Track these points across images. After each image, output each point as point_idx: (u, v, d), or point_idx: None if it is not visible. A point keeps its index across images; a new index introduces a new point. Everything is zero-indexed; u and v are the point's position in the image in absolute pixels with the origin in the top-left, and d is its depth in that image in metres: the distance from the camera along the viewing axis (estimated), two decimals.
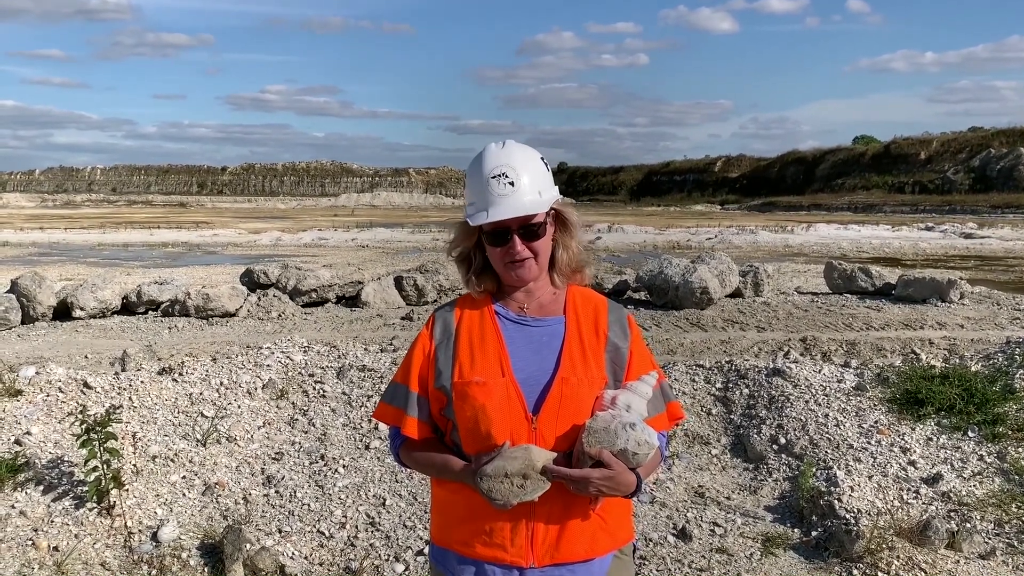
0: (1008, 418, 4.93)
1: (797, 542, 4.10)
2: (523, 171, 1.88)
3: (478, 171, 1.89)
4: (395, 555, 4.01)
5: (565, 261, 1.96)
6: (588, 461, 1.77)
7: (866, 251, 26.27)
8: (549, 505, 1.82)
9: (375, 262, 21.81)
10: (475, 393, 1.85)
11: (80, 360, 8.23)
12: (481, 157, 1.91)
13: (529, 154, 1.91)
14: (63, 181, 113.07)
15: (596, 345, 1.93)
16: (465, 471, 1.86)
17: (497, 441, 1.82)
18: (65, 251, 26.19)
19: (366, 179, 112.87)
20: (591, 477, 1.76)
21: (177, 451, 4.71)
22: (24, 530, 3.88)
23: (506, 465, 1.77)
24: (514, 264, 1.89)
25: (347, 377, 5.86)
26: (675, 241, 29.69)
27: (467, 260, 1.99)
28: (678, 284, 11.40)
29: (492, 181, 1.86)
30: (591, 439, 1.78)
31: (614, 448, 1.76)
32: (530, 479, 1.77)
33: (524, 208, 1.85)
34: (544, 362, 1.89)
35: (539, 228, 1.89)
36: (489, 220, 1.85)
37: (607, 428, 1.78)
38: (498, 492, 1.76)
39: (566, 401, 1.85)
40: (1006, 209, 52.12)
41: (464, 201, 1.97)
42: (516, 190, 1.86)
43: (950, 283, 11.85)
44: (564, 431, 1.84)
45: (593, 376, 1.89)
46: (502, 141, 1.93)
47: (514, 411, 1.84)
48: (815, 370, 5.89)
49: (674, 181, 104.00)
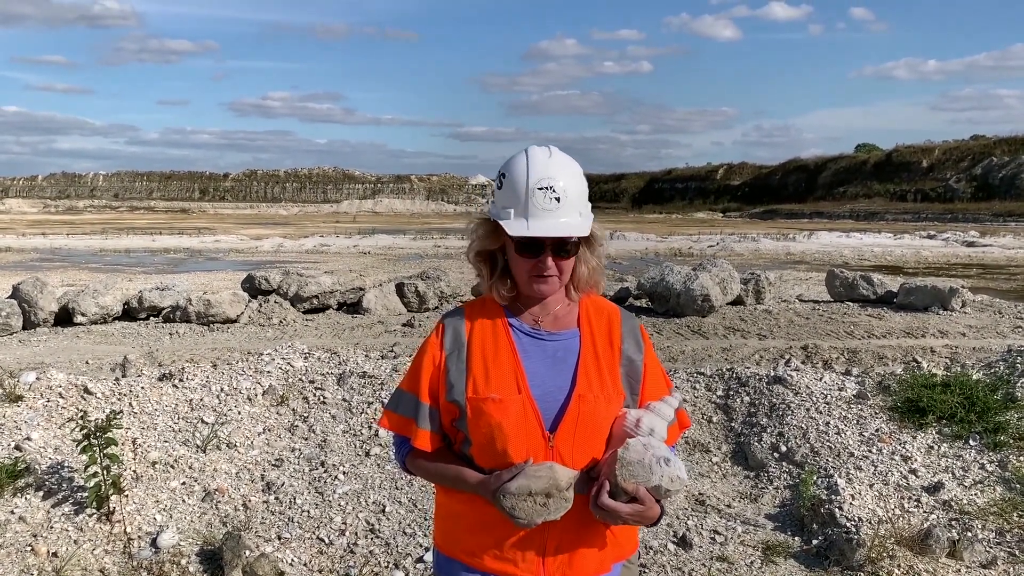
0: (1009, 427, 4.92)
1: (798, 550, 4.09)
2: (570, 188, 1.80)
3: (520, 176, 1.80)
4: (395, 562, 4.00)
5: (585, 277, 1.90)
6: (622, 495, 1.73)
7: (868, 259, 26.24)
8: (564, 522, 1.79)
9: (377, 268, 21.80)
10: (491, 410, 1.80)
11: (81, 366, 8.24)
12: (527, 162, 1.80)
13: (575, 170, 1.84)
14: (66, 187, 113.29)
15: (611, 359, 1.89)
16: (481, 485, 1.81)
17: (513, 459, 1.78)
18: (67, 257, 26.23)
19: (368, 185, 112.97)
20: (622, 511, 1.73)
21: (177, 457, 4.71)
22: (23, 536, 3.87)
23: (530, 484, 1.73)
24: (540, 279, 1.83)
25: (348, 384, 5.86)
26: (677, 248, 29.68)
27: (489, 261, 1.91)
28: (680, 291, 11.40)
29: (538, 192, 1.78)
30: (625, 472, 1.73)
31: (649, 484, 1.73)
32: (553, 498, 1.73)
33: (567, 229, 1.79)
34: (559, 378, 1.85)
35: (572, 248, 1.84)
36: (530, 234, 1.78)
37: (641, 462, 1.73)
38: (521, 511, 1.73)
39: (583, 419, 1.81)
40: (1008, 217, 52.06)
41: (495, 200, 1.88)
42: (560, 207, 1.79)
43: (952, 291, 11.85)
44: (582, 449, 1.81)
45: (610, 392, 1.85)
46: (548, 148, 1.84)
47: (531, 429, 1.80)
48: (816, 378, 5.88)
49: (676, 188, 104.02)
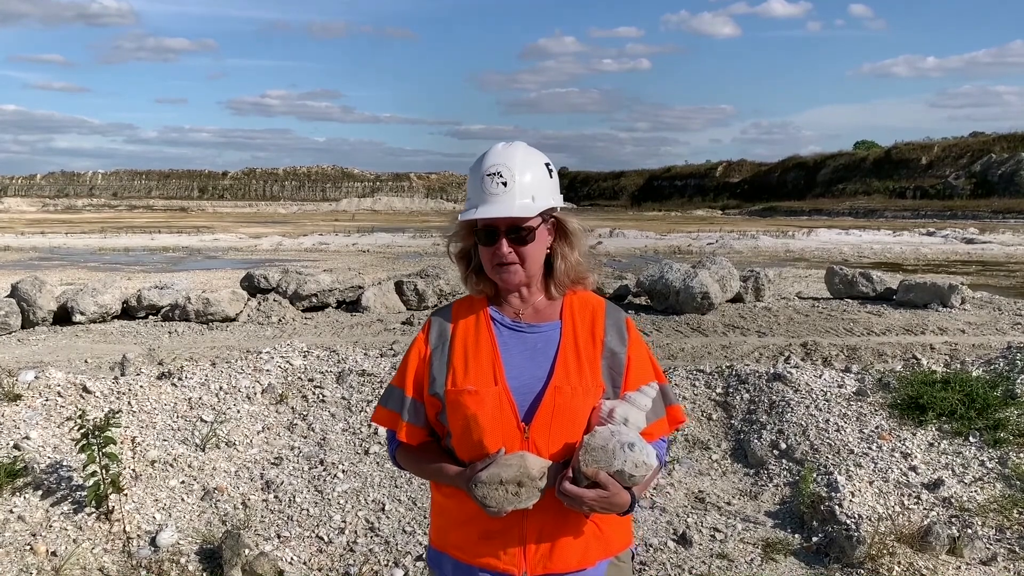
0: (1009, 423, 4.91)
1: (798, 548, 4.09)
2: (519, 173, 1.81)
3: (477, 167, 1.85)
4: (394, 560, 3.99)
5: (563, 272, 1.89)
6: (584, 480, 1.73)
7: (867, 256, 26.25)
8: (543, 514, 1.79)
9: (376, 267, 21.80)
10: (467, 402, 1.81)
11: (80, 364, 8.23)
12: (484, 154, 1.85)
13: (532, 157, 1.85)
14: (64, 186, 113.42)
15: (592, 352, 1.87)
16: (459, 476, 1.82)
17: (489, 450, 1.79)
18: (66, 255, 26.21)
19: (367, 184, 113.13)
20: (585, 497, 1.72)
21: (176, 456, 4.70)
22: (22, 535, 3.86)
23: (501, 472, 1.74)
24: (500, 267, 1.84)
25: (347, 382, 5.85)
26: (676, 246, 29.68)
27: (465, 258, 1.95)
28: (679, 289, 11.39)
29: (487, 179, 1.81)
30: (588, 457, 1.72)
31: (611, 469, 1.71)
32: (525, 487, 1.74)
33: (511, 210, 1.79)
34: (538, 370, 1.84)
35: (527, 233, 1.83)
36: (475, 217, 1.81)
37: (604, 447, 1.72)
38: (492, 499, 1.74)
39: (559, 411, 1.80)
40: (1007, 214, 52.14)
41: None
42: (508, 191, 1.80)
43: (951, 288, 11.85)
44: (557, 441, 1.80)
45: (588, 384, 1.83)
46: (512, 141, 1.88)
47: (506, 420, 1.80)
48: (816, 375, 5.88)
49: (675, 186, 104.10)
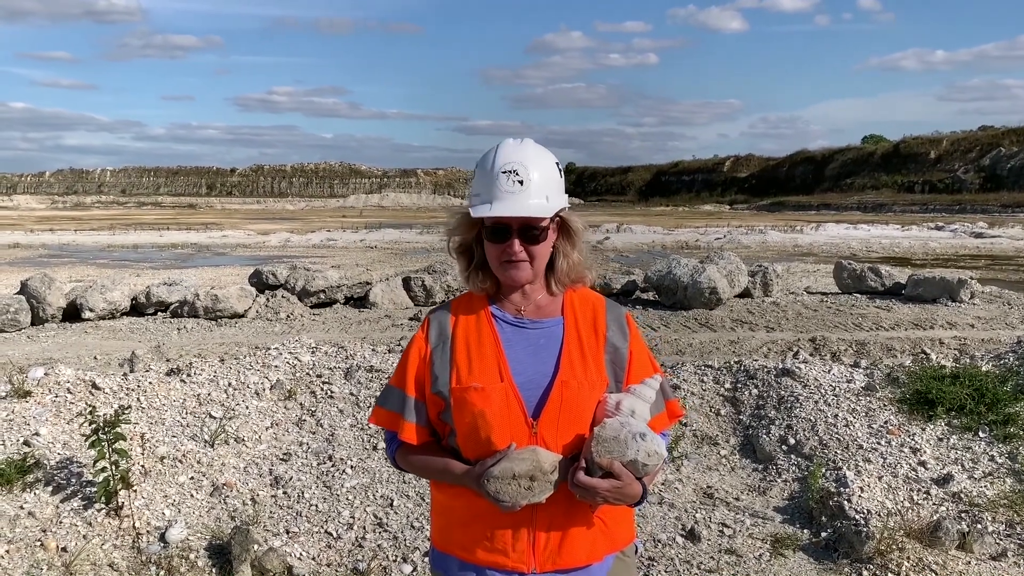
0: (1019, 418, 4.89)
1: (807, 543, 4.08)
2: (534, 171, 1.81)
3: (490, 163, 1.83)
4: (403, 556, 4.00)
5: (564, 270, 1.91)
6: (597, 471, 1.73)
7: (876, 251, 26.15)
8: (551, 510, 1.80)
9: (383, 263, 21.84)
10: (474, 399, 1.81)
11: (89, 361, 8.27)
12: (496, 149, 1.84)
13: (544, 156, 1.85)
14: (73, 183, 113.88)
15: (595, 346, 1.89)
16: (467, 475, 1.82)
17: (498, 446, 1.79)
18: (75, 252, 26.33)
19: (375, 180, 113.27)
20: (599, 488, 1.73)
21: (185, 452, 4.72)
22: (33, 531, 3.89)
23: (513, 467, 1.74)
24: (509, 264, 1.85)
25: (355, 378, 5.86)
26: (684, 241, 29.62)
27: (466, 253, 1.94)
28: (687, 284, 11.37)
29: (501, 176, 1.80)
30: (600, 448, 1.73)
31: (624, 459, 1.73)
32: (537, 481, 1.74)
33: (529, 210, 1.80)
34: (543, 365, 1.85)
35: (540, 233, 1.84)
36: (491, 215, 1.80)
37: (617, 438, 1.73)
38: (505, 494, 1.74)
39: (567, 405, 1.81)
40: (1017, 208, 51.84)
41: (469, 191, 1.92)
42: (524, 189, 1.80)
43: (960, 283, 11.80)
44: (566, 435, 1.81)
45: (593, 378, 1.85)
46: (521, 138, 1.88)
47: (514, 416, 1.80)
48: (824, 370, 5.86)
49: (683, 181, 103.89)
